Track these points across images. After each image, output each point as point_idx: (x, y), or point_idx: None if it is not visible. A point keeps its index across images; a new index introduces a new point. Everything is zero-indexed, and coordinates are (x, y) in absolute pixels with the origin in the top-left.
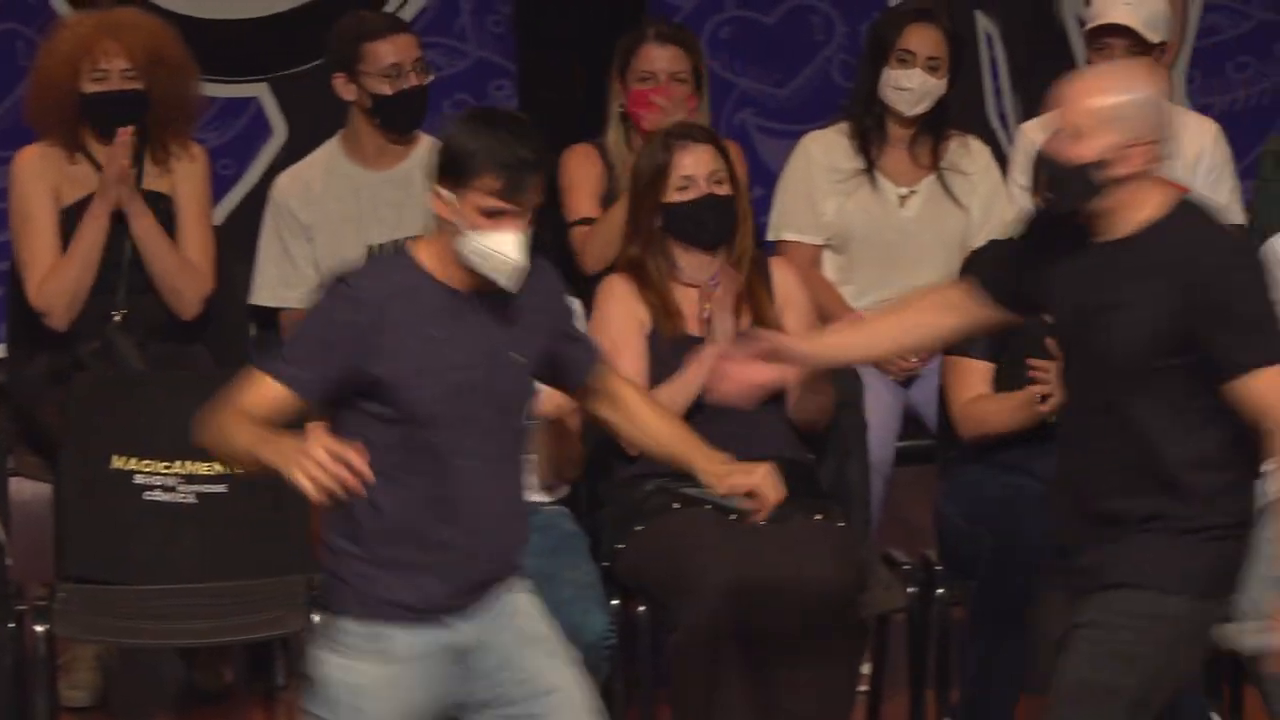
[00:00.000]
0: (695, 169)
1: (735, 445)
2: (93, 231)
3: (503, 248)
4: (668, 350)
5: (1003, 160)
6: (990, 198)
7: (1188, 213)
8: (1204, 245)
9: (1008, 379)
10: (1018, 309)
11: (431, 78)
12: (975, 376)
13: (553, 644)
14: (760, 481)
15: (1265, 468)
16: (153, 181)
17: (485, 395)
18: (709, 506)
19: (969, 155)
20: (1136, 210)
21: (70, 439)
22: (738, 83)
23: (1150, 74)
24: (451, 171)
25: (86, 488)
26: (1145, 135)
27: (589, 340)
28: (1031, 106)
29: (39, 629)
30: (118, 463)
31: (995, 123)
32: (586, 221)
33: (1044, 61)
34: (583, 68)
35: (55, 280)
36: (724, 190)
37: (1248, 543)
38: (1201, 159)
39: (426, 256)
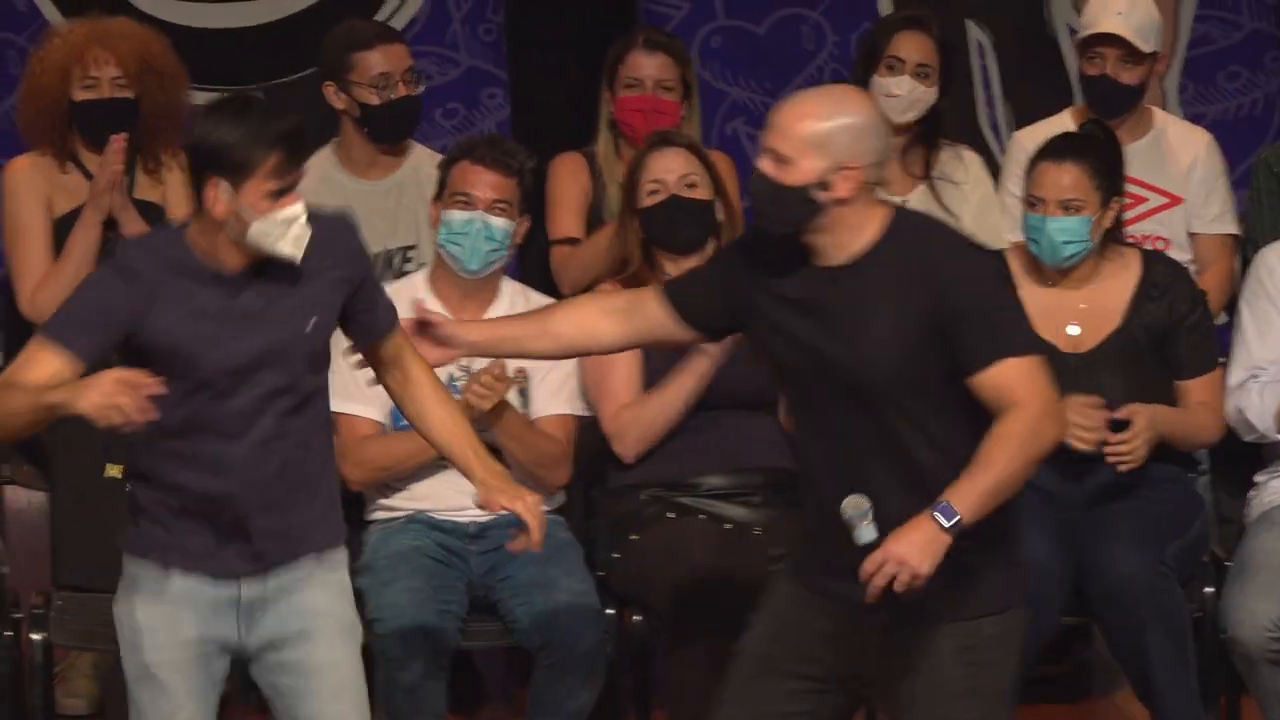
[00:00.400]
0: (665, 173)
1: (725, 454)
2: (85, 240)
3: (290, 223)
4: (662, 362)
5: (995, 169)
6: (982, 207)
7: (908, 226)
8: (933, 251)
9: None
10: (709, 331)
11: (422, 88)
12: None
13: (340, 622)
14: (523, 508)
15: (1257, 478)
16: (144, 191)
17: (263, 363)
18: (704, 516)
19: (961, 165)
20: (858, 234)
21: (65, 448)
22: (729, 92)
23: (863, 99)
24: (225, 168)
25: (82, 496)
26: (852, 160)
27: (389, 307)
28: (1024, 115)
29: (36, 637)
30: (112, 471)
31: (988, 132)
32: (568, 241)
33: (1036, 70)
34: (576, 73)
35: (48, 290)
36: (696, 194)
37: (1019, 542)
38: (1194, 169)
39: (196, 242)
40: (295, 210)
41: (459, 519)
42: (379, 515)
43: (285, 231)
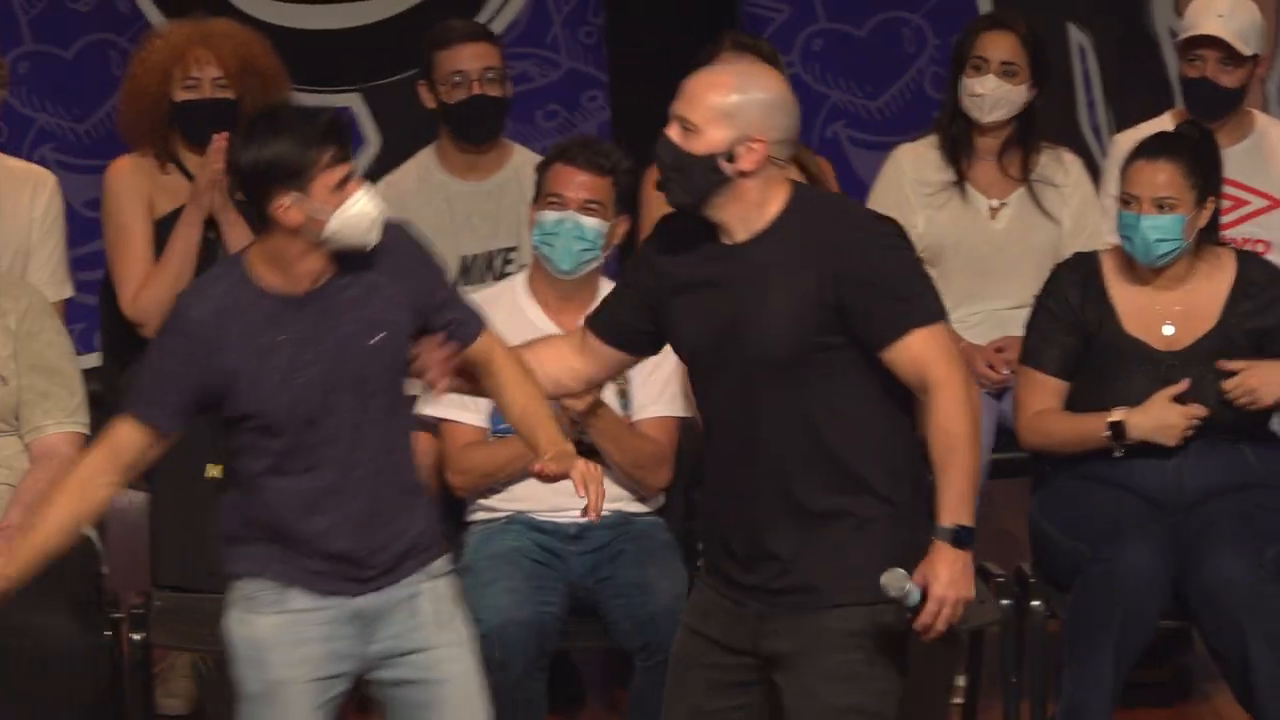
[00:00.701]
0: None
1: None
2: (186, 239)
3: (363, 207)
4: None
5: (1095, 172)
6: (1082, 210)
7: (808, 200)
8: (837, 224)
9: (1085, 397)
10: (644, 349)
11: (501, 91)
12: (1045, 392)
13: (458, 634)
14: (576, 474)
15: None
16: None
17: (339, 386)
18: None
19: (1061, 167)
20: (760, 210)
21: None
22: (830, 95)
23: (775, 76)
24: (285, 179)
25: (182, 496)
26: (758, 133)
27: (471, 311)
28: (1124, 118)
29: (135, 637)
30: (213, 471)
31: (1088, 134)
32: None
33: (1137, 73)
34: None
35: (150, 291)
36: None
37: (926, 526)
38: None
39: (258, 264)
40: (359, 197)
41: (559, 520)
42: (479, 516)
43: (357, 218)
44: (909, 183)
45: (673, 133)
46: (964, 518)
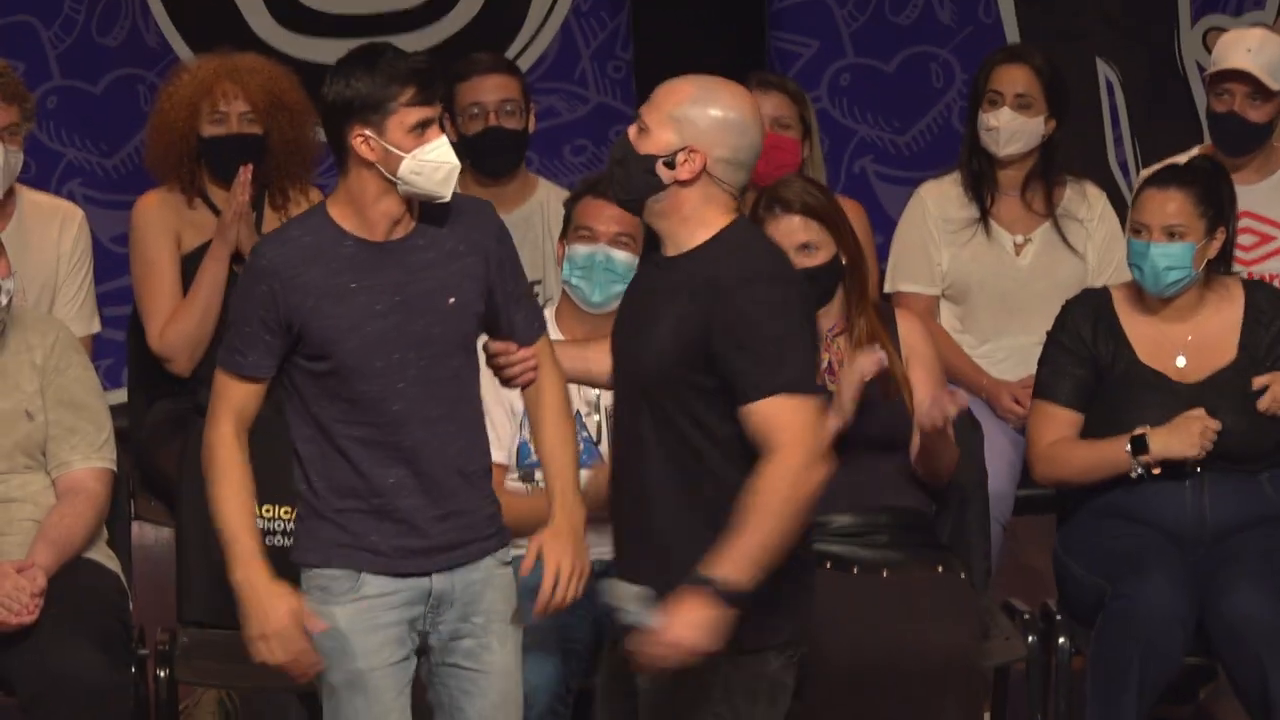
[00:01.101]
0: (781, 238)
1: (853, 493)
2: (213, 273)
3: (439, 155)
4: None
5: (1122, 207)
6: (1106, 244)
7: (733, 236)
8: (730, 268)
9: (1100, 428)
10: None
11: (518, 124)
12: (1058, 423)
13: (506, 630)
14: (549, 571)
15: None
16: (272, 227)
17: (410, 341)
18: (828, 564)
19: (1085, 201)
20: (691, 229)
21: (191, 483)
22: (857, 130)
23: (741, 97)
24: (364, 111)
25: (208, 532)
26: (700, 145)
27: (536, 311)
28: (1152, 153)
29: (161, 673)
30: None
31: (1116, 171)
32: None
33: (1165, 108)
34: None
35: (177, 327)
36: (812, 260)
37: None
38: None
39: (335, 207)
40: (437, 145)
41: None
42: None
43: (431, 164)
44: (933, 220)
45: (631, 131)
46: (734, 574)
